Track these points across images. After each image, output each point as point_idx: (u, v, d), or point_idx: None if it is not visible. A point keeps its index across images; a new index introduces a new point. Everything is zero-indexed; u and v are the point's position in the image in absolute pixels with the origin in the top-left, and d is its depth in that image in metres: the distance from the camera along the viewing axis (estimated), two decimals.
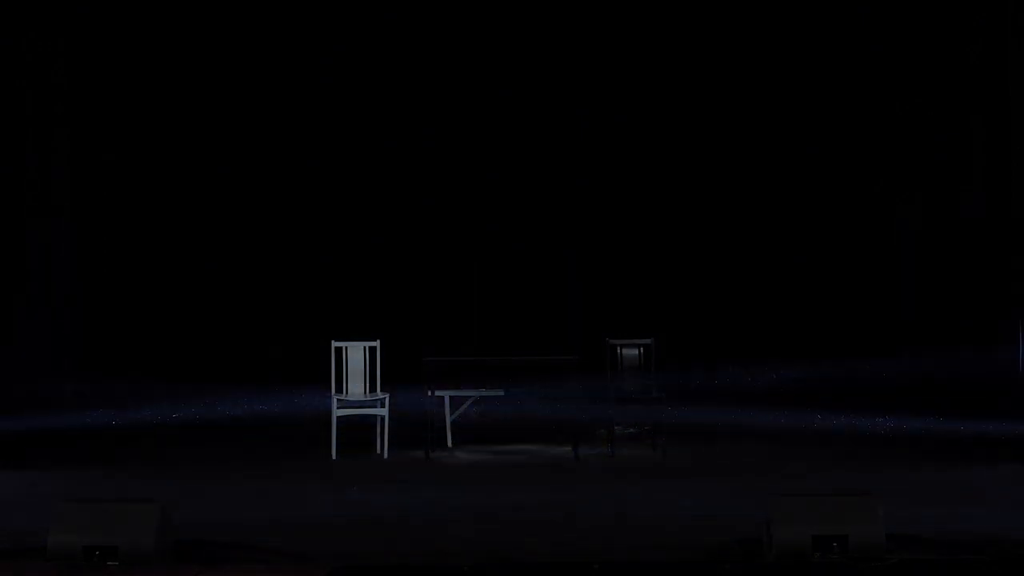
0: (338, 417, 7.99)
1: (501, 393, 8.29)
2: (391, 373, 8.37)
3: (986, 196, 9.11)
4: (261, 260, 10.28)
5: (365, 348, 8.25)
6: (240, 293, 10.14)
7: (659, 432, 8.11)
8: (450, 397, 8.52)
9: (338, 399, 8.09)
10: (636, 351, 8.37)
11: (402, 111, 10.35)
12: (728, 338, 10.42)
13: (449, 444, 8.50)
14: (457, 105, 10.39)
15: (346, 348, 8.24)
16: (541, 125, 10.47)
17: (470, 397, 8.56)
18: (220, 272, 10.07)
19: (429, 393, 8.14)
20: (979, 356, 8.54)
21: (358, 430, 8.16)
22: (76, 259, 9.56)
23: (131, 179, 9.95)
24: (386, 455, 8.01)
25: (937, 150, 9.49)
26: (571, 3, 10.08)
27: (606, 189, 10.44)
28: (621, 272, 10.49)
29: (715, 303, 10.46)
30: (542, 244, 10.90)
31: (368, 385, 8.21)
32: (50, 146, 9.31)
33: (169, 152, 10.05)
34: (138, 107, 9.88)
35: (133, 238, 9.95)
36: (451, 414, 8.58)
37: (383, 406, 8.09)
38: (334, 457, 7.89)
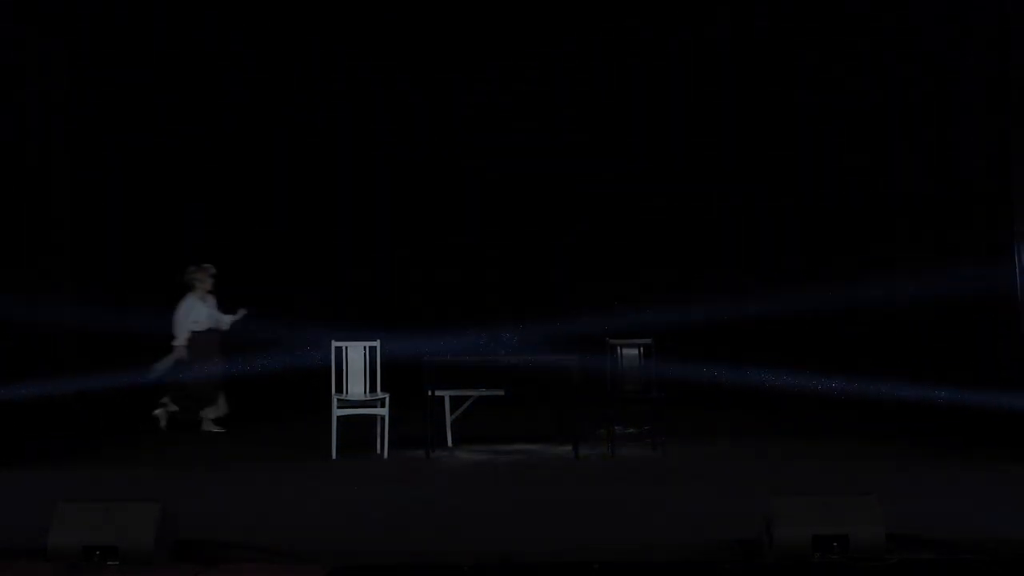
0: (338, 417, 7.99)
1: (501, 393, 8.29)
2: (391, 373, 8.38)
3: None
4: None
5: (365, 348, 8.25)
6: None
7: (659, 432, 8.10)
8: (450, 397, 8.53)
9: (338, 399, 8.09)
10: (636, 351, 8.36)
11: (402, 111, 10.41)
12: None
13: (449, 444, 8.50)
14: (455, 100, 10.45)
15: (346, 348, 8.24)
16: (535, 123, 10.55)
17: (470, 397, 8.56)
18: None
19: (429, 393, 8.14)
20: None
21: (358, 430, 8.16)
22: None
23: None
24: (386, 455, 8.01)
25: None
26: None
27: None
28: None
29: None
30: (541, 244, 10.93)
31: (368, 385, 8.22)
32: None
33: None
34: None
35: None
36: (451, 414, 8.59)
37: (383, 406, 8.09)
38: (334, 457, 7.89)
